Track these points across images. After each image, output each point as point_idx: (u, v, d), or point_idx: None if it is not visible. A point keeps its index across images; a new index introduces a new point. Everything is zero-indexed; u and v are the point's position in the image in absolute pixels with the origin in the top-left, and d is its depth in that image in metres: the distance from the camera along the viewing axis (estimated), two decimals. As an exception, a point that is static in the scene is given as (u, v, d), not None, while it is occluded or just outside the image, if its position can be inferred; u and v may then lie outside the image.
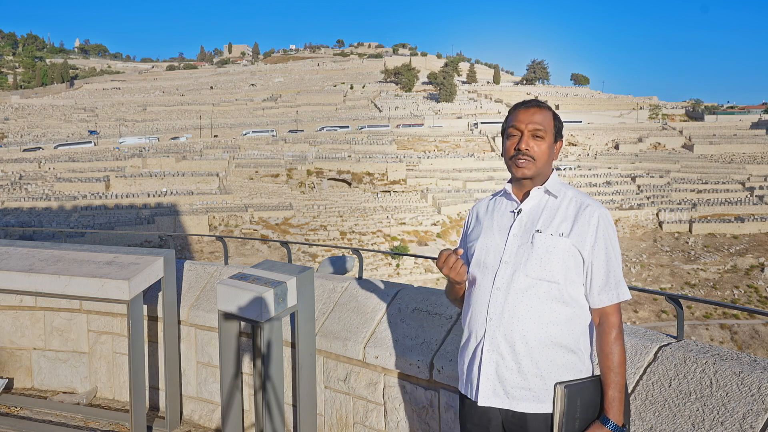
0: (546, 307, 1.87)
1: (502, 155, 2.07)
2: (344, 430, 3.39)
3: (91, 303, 4.31)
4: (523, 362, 1.87)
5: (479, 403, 1.92)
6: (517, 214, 1.97)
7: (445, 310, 3.13)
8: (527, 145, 1.95)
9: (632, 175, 67.18)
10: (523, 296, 1.88)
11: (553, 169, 2.03)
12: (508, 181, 2.06)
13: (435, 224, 56.02)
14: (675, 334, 2.50)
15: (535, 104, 2.01)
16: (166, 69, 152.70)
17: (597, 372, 1.93)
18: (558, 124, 2.03)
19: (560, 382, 1.85)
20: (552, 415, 1.85)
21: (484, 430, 1.95)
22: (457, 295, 2.16)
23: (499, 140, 76.00)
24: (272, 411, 3.19)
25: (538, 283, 1.88)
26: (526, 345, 1.86)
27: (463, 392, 2.01)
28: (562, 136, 2.05)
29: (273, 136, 75.51)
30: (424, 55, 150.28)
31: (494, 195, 2.11)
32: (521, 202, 1.99)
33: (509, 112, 2.04)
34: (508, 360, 1.88)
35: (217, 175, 59.26)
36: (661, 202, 61.80)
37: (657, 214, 60.24)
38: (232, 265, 4.42)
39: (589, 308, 1.93)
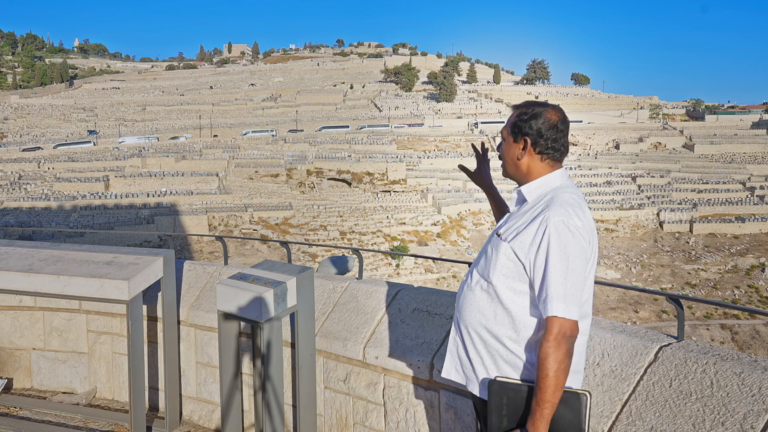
0: (485, 305, 1.95)
1: None
2: (344, 430, 3.38)
3: (90, 303, 4.31)
4: (469, 350, 2.01)
5: (441, 374, 2.13)
6: (507, 214, 2.07)
7: (445, 310, 3.13)
8: (497, 148, 2.12)
9: (633, 175, 67.21)
10: (470, 291, 2.01)
11: (557, 169, 1.98)
12: None
13: (435, 224, 56.04)
14: (676, 335, 2.50)
15: (513, 107, 2.08)
16: (166, 69, 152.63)
17: None
18: (517, 124, 1.97)
19: (497, 377, 1.91)
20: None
21: (475, 403, 2.15)
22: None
23: (500, 140, 75.88)
24: (272, 411, 3.19)
25: (481, 281, 1.98)
26: (469, 336, 2.00)
27: None
28: (526, 134, 1.96)
29: (273, 135, 75.51)
30: (424, 54, 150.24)
31: None
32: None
33: None
34: (462, 344, 2.04)
35: (217, 175, 59.26)
36: (662, 202, 61.83)
37: (657, 214, 60.27)
38: (232, 265, 4.41)
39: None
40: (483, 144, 2.42)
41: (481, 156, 2.41)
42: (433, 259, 4.48)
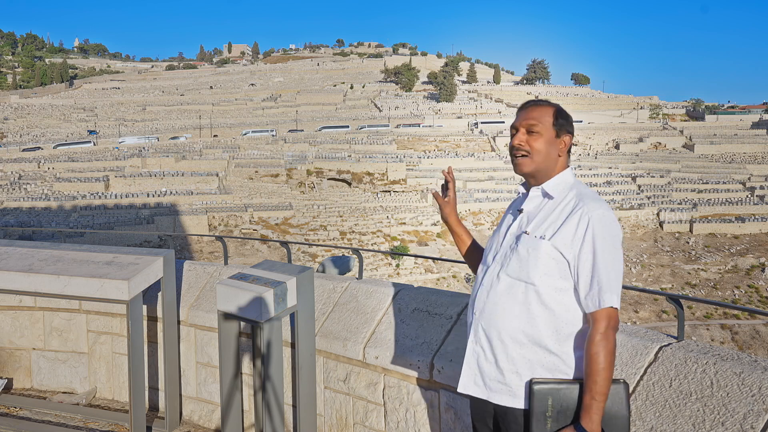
0: (523, 308, 1.89)
1: None
2: (344, 430, 3.38)
3: (90, 303, 4.31)
4: (499, 357, 1.92)
5: (458, 389, 2.01)
6: (519, 214, 2.00)
7: (445, 310, 3.13)
8: (520, 140, 1.98)
9: (633, 175, 67.23)
10: (502, 295, 1.93)
11: (567, 167, 2.00)
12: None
13: (435, 224, 56.04)
14: (676, 335, 2.49)
15: (534, 102, 2.03)
16: (166, 69, 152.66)
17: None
18: (560, 120, 1.98)
19: (534, 380, 1.86)
20: (526, 411, 1.88)
21: (483, 414, 2.04)
22: (460, 248, 2.34)
23: (500, 140, 76.07)
24: (272, 411, 3.19)
25: (517, 284, 1.90)
26: (501, 342, 1.91)
27: None
28: (568, 132, 1.99)
29: (273, 135, 75.53)
30: (424, 54, 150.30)
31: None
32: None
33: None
34: (488, 353, 1.95)
35: (217, 175, 59.27)
36: (662, 202, 61.84)
37: (657, 214, 60.28)
38: (232, 265, 4.41)
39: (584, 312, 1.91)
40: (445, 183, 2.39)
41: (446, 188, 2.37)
42: (433, 259, 4.48)
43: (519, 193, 2.09)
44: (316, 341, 3.38)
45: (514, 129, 2.00)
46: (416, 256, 12.28)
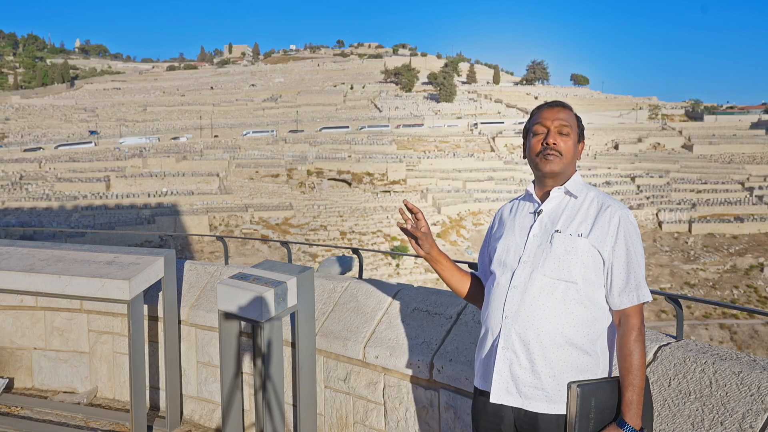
0: (562, 308, 1.87)
1: (524, 157, 2.07)
2: (344, 429, 3.39)
3: (91, 303, 4.32)
4: (536, 361, 1.86)
5: (491, 400, 1.92)
6: (538, 215, 1.98)
7: (445, 310, 3.14)
8: (555, 139, 1.96)
9: (632, 175, 67.23)
10: (539, 296, 1.88)
11: (576, 170, 2.03)
12: (532, 182, 2.08)
13: (435, 224, 56.02)
14: (674, 334, 2.50)
15: (560, 104, 2.04)
16: (167, 69, 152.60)
17: (615, 374, 1.91)
18: (581, 125, 2.04)
19: (574, 382, 1.83)
20: (565, 416, 1.84)
21: (497, 426, 1.94)
22: (454, 284, 2.23)
23: (499, 140, 76.08)
24: (272, 410, 3.20)
25: (556, 283, 1.88)
26: (540, 344, 1.86)
27: (480, 387, 2.00)
28: (584, 138, 2.05)
29: (273, 136, 75.52)
30: (424, 55, 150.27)
31: (519, 198, 2.13)
32: (542, 203, 1.99)
33: (533, 112, 2.06)
34: (522, 358, 1.88)
35: (218, 175, 59.28)
36: (661, 202, 61.84)
37: (656, 214, 60.27)
38: (233, 265, 4.42)
39: (610, 310, 1.91)
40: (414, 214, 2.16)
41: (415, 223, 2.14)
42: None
43: (524, 195, 2.07)
44: (316, 341, 3.39)
45: (543, 127, 1.98)
46: (416, 256, 12.21)
